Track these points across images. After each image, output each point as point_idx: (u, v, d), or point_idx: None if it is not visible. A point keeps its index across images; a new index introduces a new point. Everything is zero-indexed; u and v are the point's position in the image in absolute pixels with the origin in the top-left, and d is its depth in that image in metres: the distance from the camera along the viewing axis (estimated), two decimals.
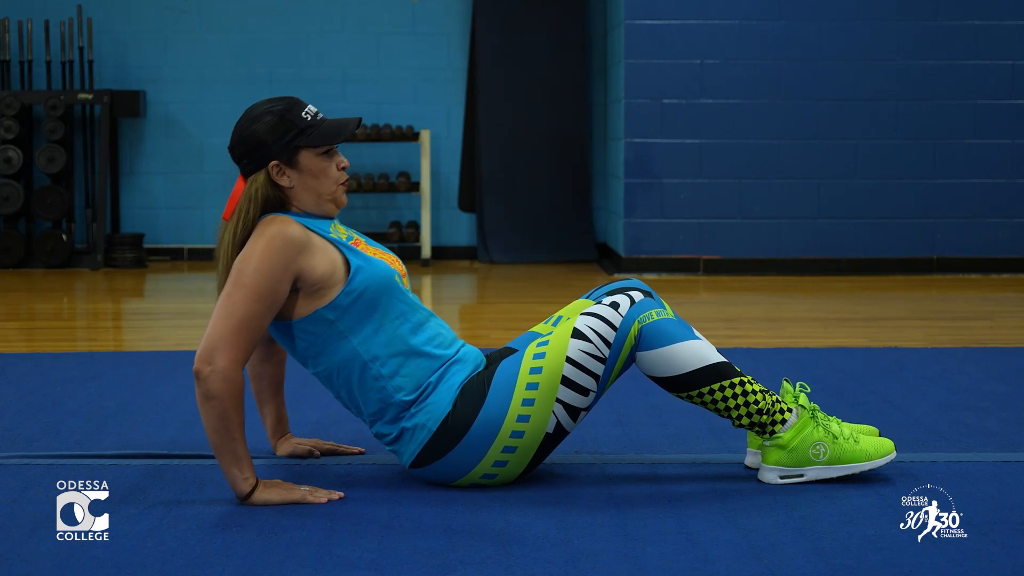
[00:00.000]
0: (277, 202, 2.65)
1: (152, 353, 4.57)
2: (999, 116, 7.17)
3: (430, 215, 8.08)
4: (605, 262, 7.90)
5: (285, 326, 2.63)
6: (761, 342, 4.81)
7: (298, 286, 2.58)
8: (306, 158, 2.64)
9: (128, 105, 7.91)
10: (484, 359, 2.73)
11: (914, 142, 7.19)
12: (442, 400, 2.62)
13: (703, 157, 7.21)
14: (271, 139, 2.61)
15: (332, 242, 2.62)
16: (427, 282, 7.20)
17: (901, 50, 7.16)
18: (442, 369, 2.64)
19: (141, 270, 7.78)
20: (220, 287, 2.60)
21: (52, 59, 8.05)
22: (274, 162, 2.62)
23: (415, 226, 8.03)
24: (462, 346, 2.73)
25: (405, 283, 2.70)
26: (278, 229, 2.56)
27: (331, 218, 2.70)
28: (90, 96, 7.80)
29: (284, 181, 2.63)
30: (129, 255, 7.87)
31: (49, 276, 7.45)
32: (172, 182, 8.19)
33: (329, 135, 2.64)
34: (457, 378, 2.64)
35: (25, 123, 7.90)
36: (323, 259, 2.59)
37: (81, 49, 7.91)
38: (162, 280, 7.37)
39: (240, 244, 2.60)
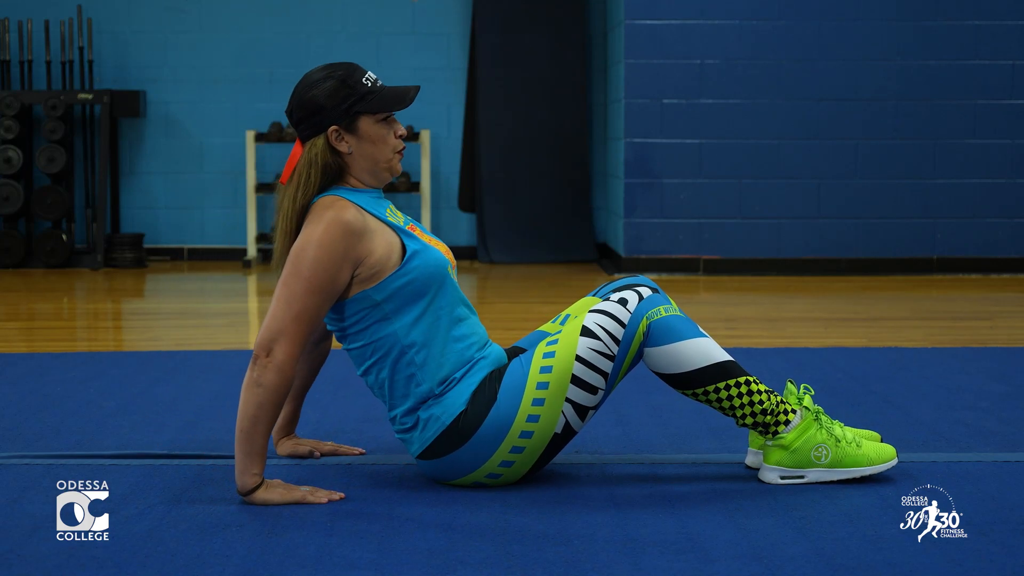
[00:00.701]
0: (335, 168, 2.64)
1: (152, 353, 4.57)
2: (999, 116, 7.17)
3: (430, 215, 8.07)
4: (605, 262, 7.90)
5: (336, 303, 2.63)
6: (761, 342, 4.81)
7: (356, 272, 2.58)
8: (366, 124, 2.63)
9: (128, 105, 7.91)
10: (506, 359, 2.73)
11: (914, 142, 7.19)
12: (460, 397, 2.62)
13: (703, 157, 7.21)
14: (331, 104, 2.60)
15: (389, 225, 2.62)
16: None
17: (901, 50, 7.16)
18: (468, 365, 2.64)
19: (141, 270, 7.78)
20: (279, 256, 2.61)
21: (52, 59, 8.05)
22: (334, 127, 2.61)
23: None
24: (491, 345, 2.73)
25: (454, 276, 2.70)
26: (335, 215, 2.55)
27: (384, 187, 2.69)
28: (90, 96, 7.80)
29: (343, 147, 2.63)
30: (129, 255, 7.87)
31: (49, 276, 7.45)
32: (172, 182, 8.19)
33: (390, 101, 2.63)
34: (478, 376, 2.64)
35: (25, 123, 7.90)
36: (381, 242, 2.59)
37: (81, 49, 7.91)
38: (162, 280, 7.37)
39: (300, 211, 2.60)
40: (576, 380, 2.62)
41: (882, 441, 2.87)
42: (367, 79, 2.64)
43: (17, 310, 6.10)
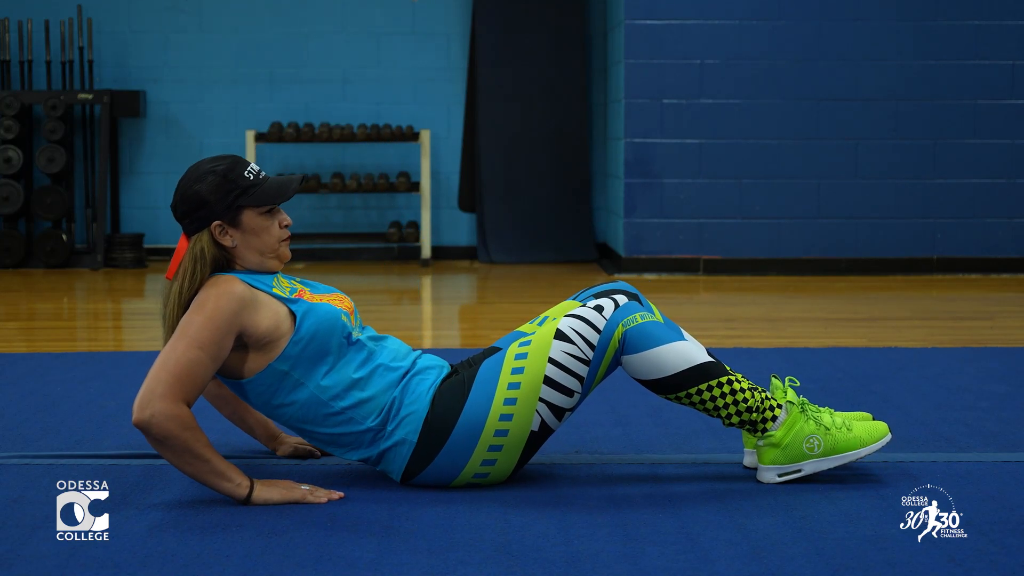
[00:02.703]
0: (221, 261, 2.64)
1: (152, 353, 4.56)
2: (999, 116, 7.17)
3: (430, 215, 8.07)
4: (605, 262, 7.90)
5: (239, 384, 2.64)
6: (761, 342, 4.81)
7: (244, 341, 2.58)
8: (248, 217, 2.63)
9: (128, 105, 7.91)
10: (447, 364, 2.74)
11: (914, 142, 7.19)
12: (416, 409, 2.62)
13: (703, 157, 7.21)
14: (214, 199, 2.60)
15: (276, 298, 2.62)
16: (427, 282, 7.20)
17: (901, 50, 7.15)
18: (403, 383, 2.64)
19: (141, 270, 7.78)
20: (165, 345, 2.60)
21: (52, 59, 8.05)
22: (217, 222, 2.61)
23: (415, 226, 8.03)
24: (418, 356, 2.73)
25: (352, 320, 2.69)
26: (224, 288, 2.56)
27: (274, 273, 2.69)
28: (90, 96, 7.80)
29: (227, 241, 2.63)
30: (129, 255, 7.87)
31: (49, 276, 7.45)
32: (172, 182, 8.18)
33: (271, 195, 2.63)
34: (421, 386, 2.64)
35: (25, 123, 7.90)
36: (267, 314, 2.59)
37: (81, 49, 7.91)
38: (162, 280, 7.36)
39: (186, 303, 2.60)
40: (549, 382, 2.62)
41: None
42: (250, 171, 2.63)
43: (17, 310, 6.10)
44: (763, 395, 2.70)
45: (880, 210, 7.21)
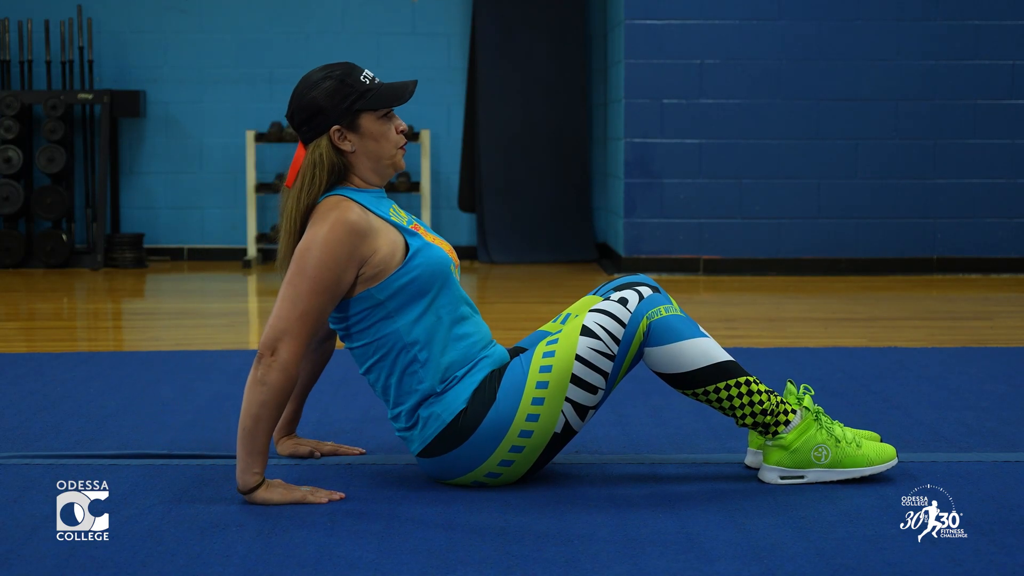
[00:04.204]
0: (340, 167, 2.64)
1: (152, 353, 4.57)
2: (999, 116, 7.17)
3: (430, 215, 8.07)
4: (605, 262, 7.90)
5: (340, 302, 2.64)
6: (761, 342, 4.81)
7: (361, 271, 2.58)
8: (367, 122, 2.64)
9: (128, 105, 7.91)
10: (508, 358, 2.73)
11: (914, 142, 7.19)
12: (460, 395, 2.62)
13: (703, 157, 7.21)
14: (331, 104, 2.61)
15: (393, 224, 2.63)
16: None
17: (901, 50, 7.15)
18: (471, 364, 2.65)
19: (141, 270, 7.78)
20: (283, 257, 2.62)
21: (52, 59, 8.05)
22: (336, 127, 2.62)
23: None
24: (494, 347, 2.73)
25: (457, 274, 2.70)
26: (340, 215, 2.56)
27: (388, 183, 2.70)
28: (90, 96, 7.80)
29: (346, 146, 2.64)
30: (129, 255, 7.87)
31: (49, 276, 7.45)
32: (172, 182, 8.19)
33: (389, 97, 2.64)
34: (480, 374, 2.65)
35: (25, 123, 7.90)
36: (385, 241, 2.59)
37: (81, 49, 7.91)
38: (162, 280, 7.37)
39: (304, 212, 2.61)
40: (576, 380, 2.62)
41: (882, 441, 2.86)
42: (365, 77, 2.65)
43: (17, 310, 6.10)
44: (778, 399, 2.70)
45: (880, 210, 7.21)
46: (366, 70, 2.68)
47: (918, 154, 7.19)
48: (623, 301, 2.65)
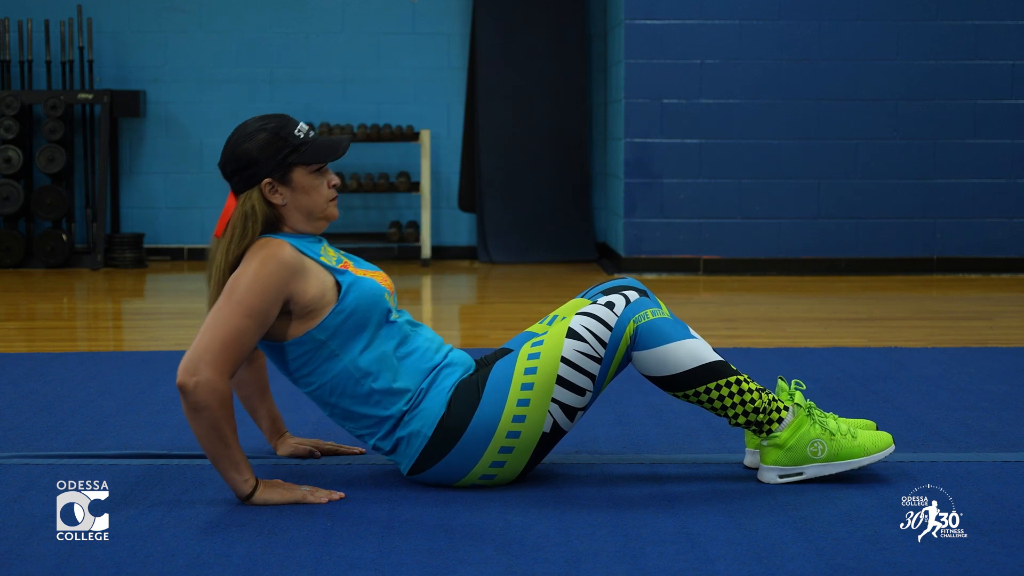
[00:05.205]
0: (271, 219, 2.64)
1: (152, 353, 4.57)
2: (999, 116, 7.17)
3: (430, 215, 8.08)
4: (605, 262, 7.90)
5: (278, 347, 2.63)
6: (761, 342, 4.81)
7: (289, 308, 2.58)
8: (299, 176, 2.64)
9: (128, 105, 7.91)
10: (473, 363, 2.74)
11: (914, 142, 7.19)
12: (435, 404, 2.62)
13: (703, 157, 7.21)
14: (264, 156, 2.60)
15: (323, 266, 2.62)
16: (427, 282, 7.20)
17: (901, 50, 7.16)
18: (432, 375, 2.65)
19: (141, 270, 7.78)
20: (211, 304, 2.60)
21: (52, 59, 8.05)
22: (267, 180, 2.62)
23: (415, 226, 8.03)
24: (450, 351, 2.73)
25: (393, 300, 2.70)
26: (273, 252, 2.56)
27: (321, 234, 2.69)
28: (90, 96, 7.80)
29: (277, 199, 2.63)
30: (129, 255, 7.87)
31: (49, 276, 7.45)
32: (172, 182, 8.19)
33: (323, 152, 2.64)
34: (447, 381, 2.65)
35: (25, 123, 7.90)
36: (314, 282, 2.59)
37: (81, 49, 7.91)
38: (162, 280, 7.37)
39: (234, 263, 2.60)
40: (562, 381, 2.62)
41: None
42: (299, 130, 2.64)
43: (17, 310, 6.10)
44: (770, 396, 2.70)
45: (880, 210, 7.21)
46: (302, 123, 2.66)
47: (918, 154, 7.19)
48: (610, 305, 2.65)
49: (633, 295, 2.68)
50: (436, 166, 8.24)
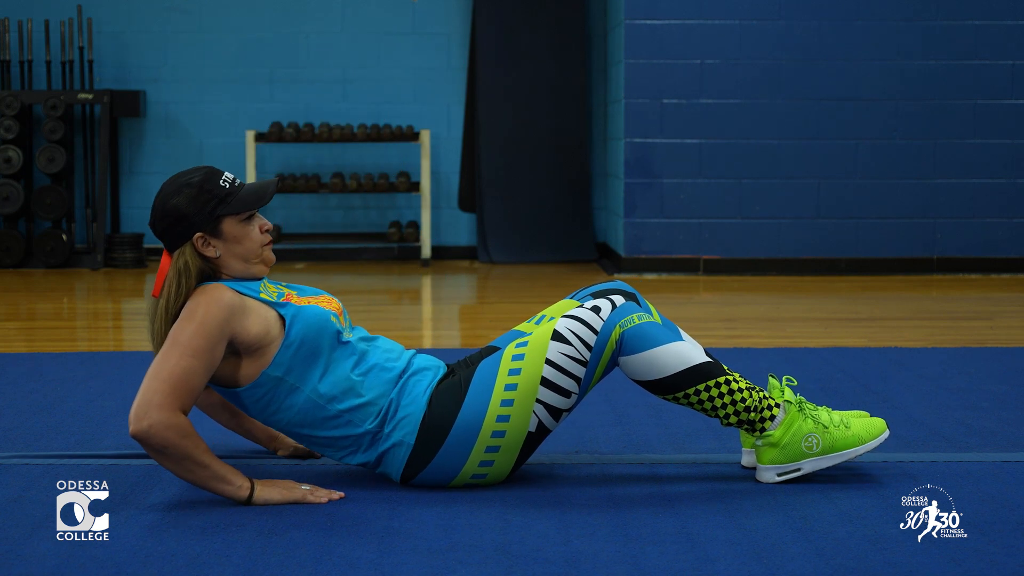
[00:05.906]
0: (207, 272, 2.64)
1: (152, 353, 4.56)
2: (999, 116, 7.17)
3: (430, 215, 8.08)
4: (605, 262, 7.90)
5: (235, 394, 2.63)
6: (761, 342, 4.81)
7: (236, 348, 2.57)
8: (229, 226, 2.63)
9: (128, 105, 7.91)
10: (443, 365, 2.74)
11: (914, 142, 7.19)
12: (413, 411, 2.62)
13: (703, 157, 7.21)
14: (192, 211, 2.59)
15: (264, 302, 2.62)
16: (427, 282, 7.20)
17: (901, 50, 7.16)
18: (399, 384, 2.64)
19: (141, 270, 7.78)
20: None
21: (52, 59, 8.05)
22: (198, 234, 2.61)
23: (415, 226, 8.03)
24: (412, 355, 2.73)
25: (341, 320, 2.69)
26: (211, 295, 2.56)
27: (260, 279, 2.69)
28: (90, 96, 7.80)
29: (210, 252, 2.62)
30: (129, 255, 7.87)
31: (49, 276, 7.45)
32: None
33: (249, 201, 2.63)
34: (419, 387, 2.64)
35: (25, 123, 7.90)
36: (256, 319, 2.58)
37: (81, 49, 7.91)
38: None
39: (173, 318, 2.59)
40: (546, 383, 2.62)
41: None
42: (225, 180, 2.64)
43: (17, 310, 6.10)
44: (761, 394, 2.70)
45: (880, 210, 7.21)
46: (227, 173, 2.66)
47: (918, 154, 7.19)
48: (596, 309, 2.64)
49: (619, 300, 2.68)
50: (436, 166, 8.24)
